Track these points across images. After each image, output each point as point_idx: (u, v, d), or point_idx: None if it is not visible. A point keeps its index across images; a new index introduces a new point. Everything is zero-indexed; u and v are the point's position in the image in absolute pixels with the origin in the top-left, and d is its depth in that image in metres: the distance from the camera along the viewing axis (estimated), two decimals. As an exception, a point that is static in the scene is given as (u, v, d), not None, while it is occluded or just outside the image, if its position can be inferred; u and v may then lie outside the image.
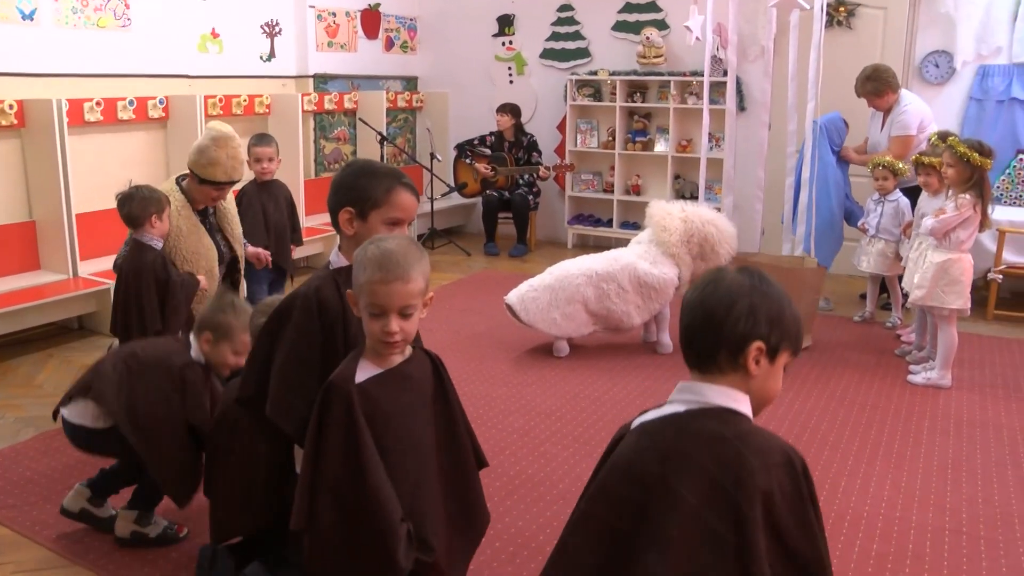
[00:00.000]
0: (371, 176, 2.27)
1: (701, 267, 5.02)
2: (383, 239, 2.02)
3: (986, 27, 6.49)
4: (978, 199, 4.35)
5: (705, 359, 1.61)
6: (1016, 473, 3.60)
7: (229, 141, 3.93)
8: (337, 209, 2.27)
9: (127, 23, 5.90)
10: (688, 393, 1.63)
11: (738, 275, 1.62)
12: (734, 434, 1.54)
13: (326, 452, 1.97)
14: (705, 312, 1.59)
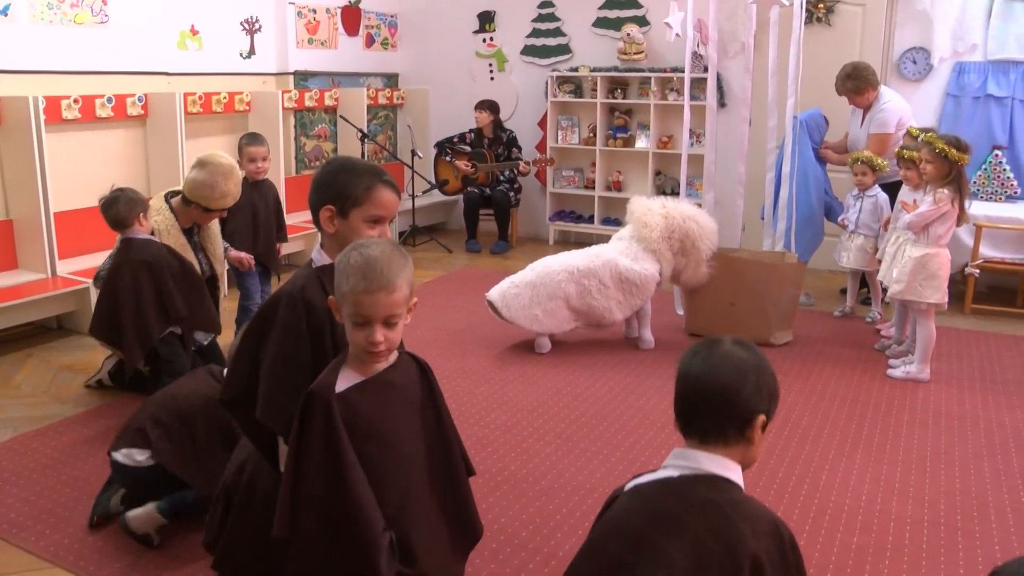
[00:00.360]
0: (352, 173, 2.24)
1: (682, 263, 5.04)
2: (365, 245, 1.99)
3: (962, 24, 6.55)
4: (956, 194, 4.39)
5: (713, 433, 1.65)
6: (992, 465, 3.64)
7: (234, 171, 4.07)
8: (318, 207, 2.24)
9: (104, 19, 5.85)
10: (682, 460, 1.66)
11: (739, 349, 1.67)
12: (726, 501, 1.58)
13: (306, 462, 1.95)
14: (717, 389, 1.63)
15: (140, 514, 2.96)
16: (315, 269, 2.25)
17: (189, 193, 4.05)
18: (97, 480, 3.35)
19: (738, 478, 1.64)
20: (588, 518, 3.14)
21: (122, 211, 3.88)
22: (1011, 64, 6.45)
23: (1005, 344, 5.28)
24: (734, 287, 5.14)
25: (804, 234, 5.68)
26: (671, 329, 5.50)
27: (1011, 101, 6.46)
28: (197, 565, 2.83)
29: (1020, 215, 5.91)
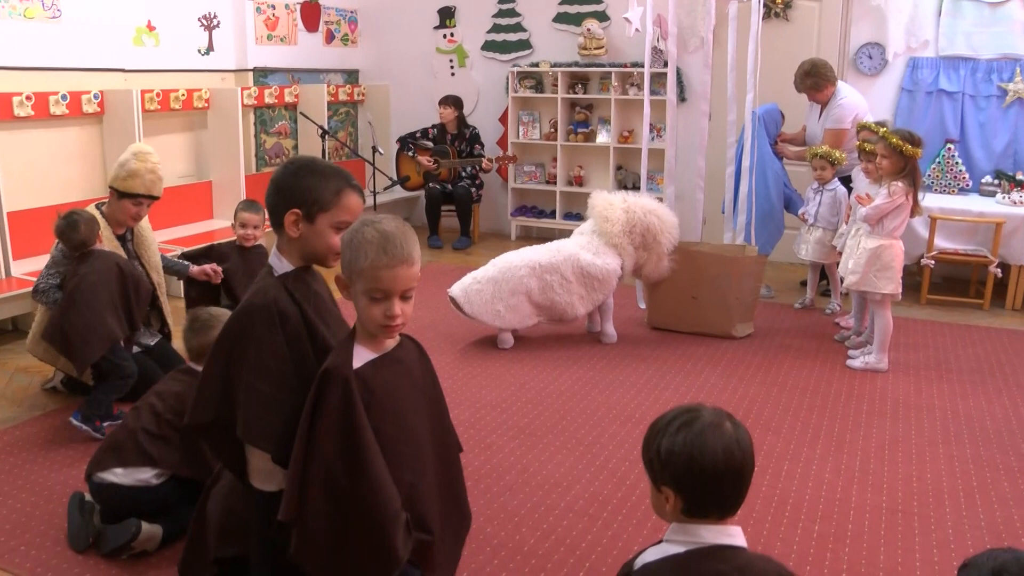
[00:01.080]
0: (319, 176, 2.15)
1: (644, 257, 5.07)
2: (376, 220, 1.96)
3: (914, 21, 6.66)
4: (910, 187, 4.46)
5: (734, 508, 1.66)
6: (947, 451, 3.71)
7: (148, 156, 4.04)
8: (283, 210, 2.13)
9: (56, 14, 5.74)
10: (684, 535, 1.66)
11: (731, 424, 1.64)
12: (734, 569, 1.60)
13: (320, 441, 1.92)
14: (746, 468, 1.63)
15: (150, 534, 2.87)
16: (279, 277, 2.17)
17: (110, 179, 4.06)
18: (54, 484, 3.31)
19: (741, 540, 1.66)
20: (552, 512, 3.15)
21: (84, 233, 3.88)
22: (960, 60, 6.58)
23: (959, 334, 5.38)
24: (696, 280, 5.18)
25: (764, 228, 5.74)
26: (633, 323, 5.53)
27: (962, 96, 6.59)
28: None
29: (972, 207, 6.02)
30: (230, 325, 2.13)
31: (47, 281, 3.97)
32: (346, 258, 1.97)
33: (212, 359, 2.13)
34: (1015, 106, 6.46)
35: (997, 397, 4.35)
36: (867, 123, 5.19)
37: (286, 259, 2.19)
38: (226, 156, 6.87)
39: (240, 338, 2.08)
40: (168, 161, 6.74)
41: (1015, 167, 6.47)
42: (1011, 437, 3.87)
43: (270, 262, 2.21)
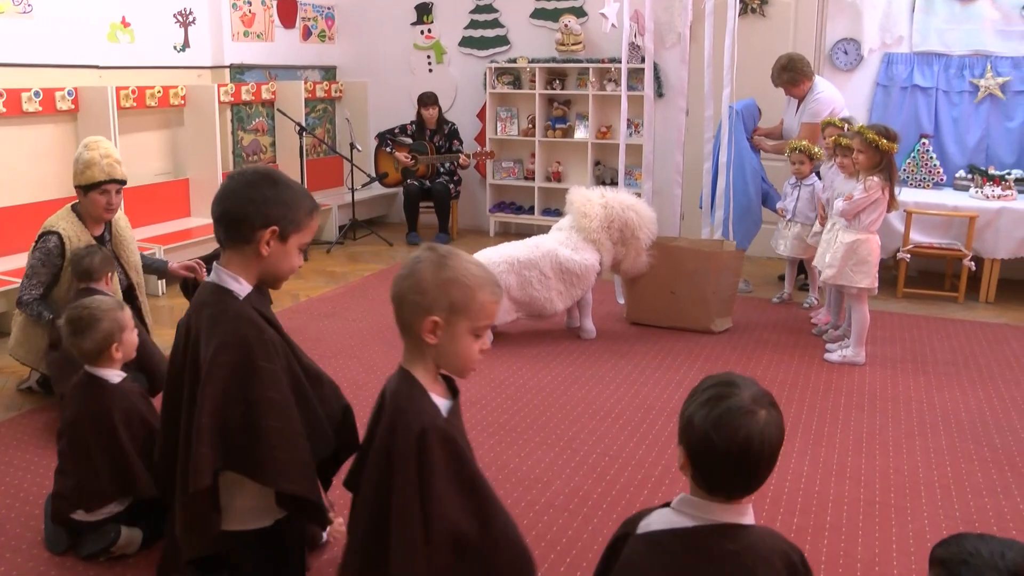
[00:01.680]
0: (294, 192, 2.07)
1: (622, 252, 5.08)
2: (453, 251, 1.92)
3: (889, 17, 6.72)
4: (886, 182, 4.50)
5: (747, 491, 1.65)
6: (923, 444, 3.75)
7: (99, 143, 4.04)
8: (259, 225, 2.01)
9: (27, 9, 5.68)
10: (693, 508, 1.66)
11: (766, 412, 1.62)
12: (742, 548, 1.61)
13: (439, 504, 1.81)
14: (762, 461, 1.62)
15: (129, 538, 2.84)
16: (244, 300, 2.05)
17: (74, 177, 4.02)
18: (31, 486, 3.28)
19: (750, 518, 1.66)
20: (532, 508, 3.16)
21: (96, 264, 3.83)
22: (934, 56, 6.65)
23: (934, 327, 5.44)
24: (674, 276, 5.20)
25: (742, 223, 5.78)
26: (612, 318, 5.54)
27: (935, 91, 6.66)
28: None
29: (946, 201, 6.09)
30: (219, 366, 1.97)
31: (30, 293, 3.91)
32: (451, 297, 1.84)
33: (205, 408, 1.97)
34: (987, 102, 6.53)
35: (972, 389, 4.39)
36: (832, 120, 5.25)
37: (243, 280, 2.06)
38: (203, 154, 6.83)
39: (239, 376, 1.97)
40: (144, 159, 6.71)
41: (987, 162, 6.54)
42: (985, 429, 3.92)
43: (225, 283, 2.05)
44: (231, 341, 1.98)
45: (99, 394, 2.86)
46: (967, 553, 1.45)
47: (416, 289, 1.85)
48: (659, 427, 3.89)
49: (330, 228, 7.81)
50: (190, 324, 2.10)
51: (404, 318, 1.89)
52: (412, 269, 1.87)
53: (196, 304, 2.11)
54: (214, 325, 2.00)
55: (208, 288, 2.09)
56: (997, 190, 6.04)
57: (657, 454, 3.63)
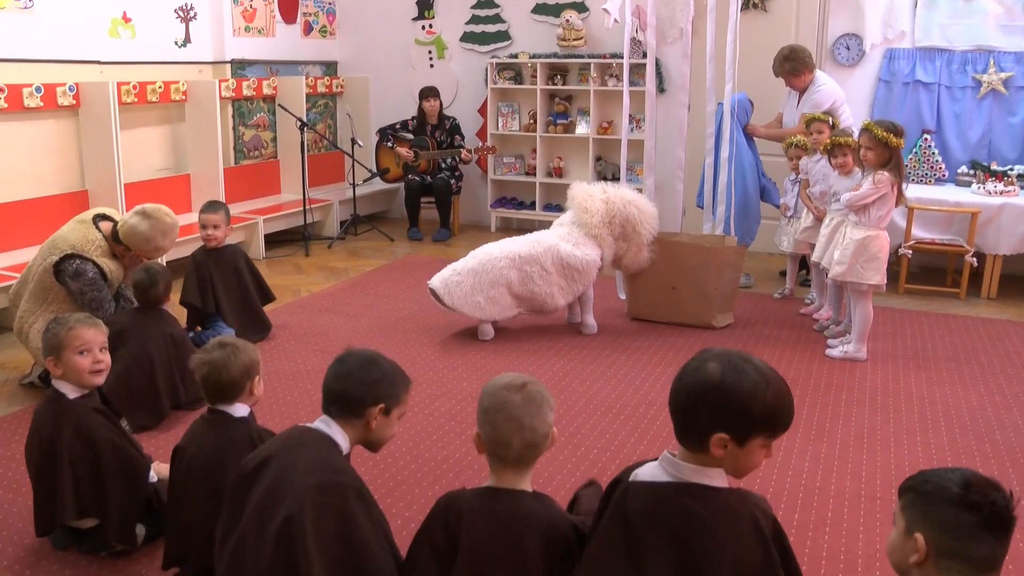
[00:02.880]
0: (396, 374, 2.34)
1: (623, 248, 5.08)
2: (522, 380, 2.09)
3: (891, 12, 6.71)
4: (896, 178, 4.48)
5: (688, 444, 1.87)
6: (924, 440, 3.75)
7: (173, 230, 4.11)
8: (373, 404, 2.27)
9: (29, 4, 5.68)
10: (671, 467, 1.89)
11: (719, 366, 1.83)
12: (706, 509, 1.80)
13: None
14: (699, 407, 1.83)
15: None
16: (346, 456, 2.27)
17: (124, 237, 4.03)
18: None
19: (720, 481, 1.85)
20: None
21: (161, 292, 3.91)
22: (936, 51, 6.63)
23: (936, 323, 5.44)
24: (675, 271, 5.20)
25: (741, 219, 5.77)
26: (613, 314, 5.54)
27: (938, 87, 6.65)
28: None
29: (948, 197, 6.08)
30: (323, 506, 2.11)
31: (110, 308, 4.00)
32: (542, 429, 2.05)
33: (312, 548, 2.07)
34: (989, 97, 6.52)
35: (973, 385, 4.39)
36: (816, 115, 5.24)
37: (350, 439, 2.29)
38: (204, 149, 6.83)
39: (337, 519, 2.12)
40: (145, 154, 6.71)
41: (990, 157, 6.53)
42: (986, 425, 3.92)
43: (335, 437, 2.26)
44: (331, 486, 2.15)
45: (56, 409, 2.81)
46: (925, 475, 1.73)
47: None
48: (660, 422, 3.89)
49: (331, 223, 7.81)
50: (272, 454, 2.25)
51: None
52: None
53: (293, 437, 2.28)
54: (316, 463, 2.18)
55: (310, 430, 2.28)
56: (999, 186, 6.03)
57: (658, 449, 3.61)
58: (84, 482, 2.74)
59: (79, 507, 2.75)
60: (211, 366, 2.57)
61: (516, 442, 1.96)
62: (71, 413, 2.78)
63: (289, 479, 2.15)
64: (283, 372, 4.50)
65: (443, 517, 2.01)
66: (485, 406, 2.01)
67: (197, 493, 2.55)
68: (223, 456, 2.54)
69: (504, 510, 1.97)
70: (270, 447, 2.30)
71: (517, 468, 2.00)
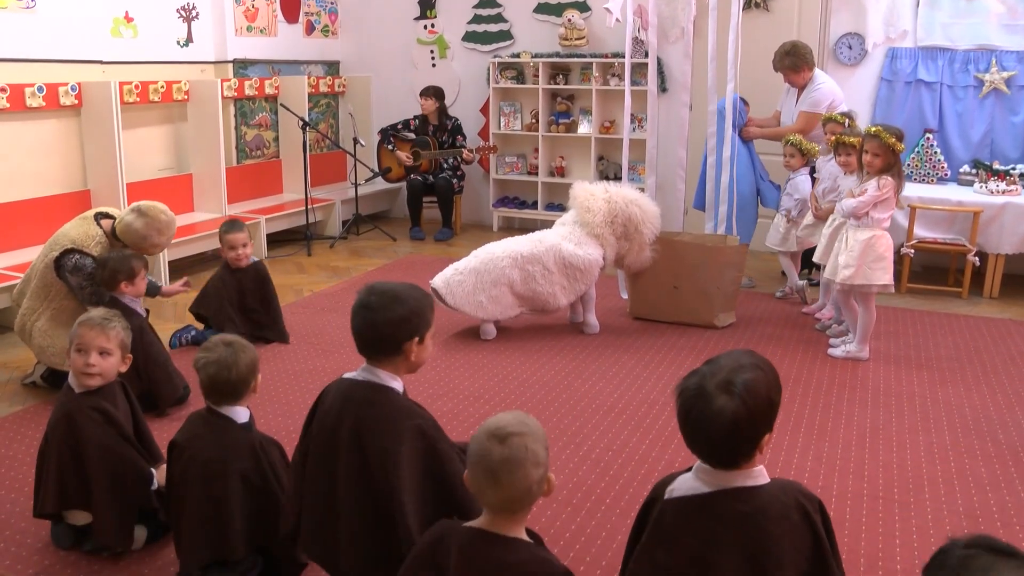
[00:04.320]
0: (419, 302, 2.36)
1: (625, 247, 5.08)
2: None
3: (893, 11, 6.70)
4: (899, 182, 4.48)
5: (723, 466, 1.84)
6: (927, 439, 3.75)
7: (169, 227, 4.11)
8: (408, 339, 2.32)
9: (31, 4, 5.68)
10: (709, 475, 1.84)
11: (728, 396, 1.78)
12: (755, 509, 1.79)
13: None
14: (722, 438, 1.79)
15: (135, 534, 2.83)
16: (404, 395, 2.39)
17: (120, 234, 4.04)
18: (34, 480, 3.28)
19: (763, 478, 1.84)
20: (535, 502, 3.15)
21: (106, 276, 3.90)
22: (938, 50, 6.62)
23: (938, 322, 5.43)
24: (677, 270, 5.20)
25: (740, 218, 5.77)
26: (615, 313, 5.54)
27: (940, 86, 6.64)
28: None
29: (950, 196, 6.07)
30: (409, 455, 2.24)
31: (99, 298, 3.96)
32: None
33: (404, 490, 2.21)
34: (991, 96, 6.51)
35: (975, 385, 4.39)
36: (833, 115, 5.23)
37: (398, 377, 2.39)
38: (206, 149, 6.83)
39: (427, 459, 2.28)
40: (147, 154, 6.72)
41: (992, 156, 6.52)
42: (989, 424, 3.91)
43: (385, 382, 2.35)
44: (411, 433, 2.27)
45: (61, 400, 2.84)
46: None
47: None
48: (662, 422, 3.89)
49: (333, 223, 7.81)
50: (343, 414, 2.33)
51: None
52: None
53: (356, 399, 2.33)
54: (388, 420, 2.28)
55: (364, 386, 2.35)
56: (1002, 185, 6.02)
57: (660, 449, 3.63)
58: (69, 475, 2.75)
59: (62, 498, 2.76)
60: (219, 365, 2.56)
61: (492, 496, 1.87)
62: (68, 405, 2.80)
63: (372, 443, 2.27)
64: (285, 371, 4.50)
65: (433, 551, 1.95)
66: (469, 451, 1.93)
67: (196, 495, 2.55)
68: (225, 465, 2.54)
69: (492, 558, 1.88)
70: (334, 413, 2.35)
71: (505, 514, 1.91)
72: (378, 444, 2.25)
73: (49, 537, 2.91)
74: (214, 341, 2.66)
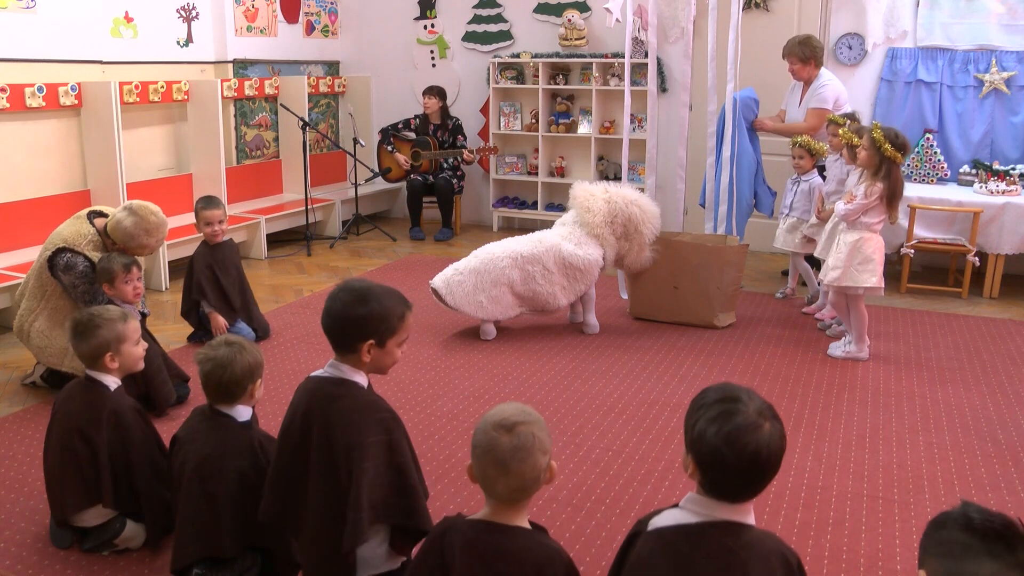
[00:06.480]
0: (386, 307, 2.37)
1: (625, 247, 5.08)
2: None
3: (893, 11, 6.70)
4: (887, 192, 4.43)
5: (751, 496, 1.78)
6: (927, 439, 3.75)
7: (159, 229, 4.04)
8: (362, 340, 2.35)
9: (31, 4, 5.68)
10: (698, 506, 1.78)
11: (770, 425, 1.74)
12: (740, 545, 1.73)
13: None
14: (769, 470, 1.74)
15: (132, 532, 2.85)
16: (368, 389, 2.44)
17: (110, 232, 4.02)
18: (35, 480, 3.28)
19: (751, 519, 1.78)
20: (535, 502, 3.16)
21: (119, 263, 3.86)
22: (938, 51, 6.62)
23: (938, 322, 5.43)
24: (677, 271, 5.20)
25: (741, 217, 5.77)
26: (615, 313, 5.54)
27: (940, 86, 6.64)
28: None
29: (950, 196, 6.07)
30: (370, 446, 2.30)
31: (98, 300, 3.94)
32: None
33: (363, 482, 2.28)
34: (991, 96, 6.51)
35: (975, 385, 4.39)
36: (834, 117, 5.23)
37: (361, 372, 2.42)
38: (206, 149, 6.83)
39: (386, 451, 2.34)
40: (147, 154, 6.72)
41: (992, 157, 6.52)
42: (988, 424, 3.91)
43: (348, 376, 2.39)
44: (374, 426, 2.34)
45: (91, 395, 2.85)
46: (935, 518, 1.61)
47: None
48: (662, 422, 3.89)
49: (333, 223, 7.81)
50: (310, 410, 2.38)
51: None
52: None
53: (320, 395, 2.38)
54: (354, 413, 2.34)
55: (328, 382, 2.40)
56: (1002, 185, 6.02)
57: (660, 449, 3.63)
58: (121, 475, 2.80)
59: (116, 500, 2.80)
60: (215, 363, 2.57)
61: (501, 486, 1.89)
62: (112, 403, 2.84)
63: (339, 436, 2.31)
64: (285, 371, 4.50)
65: (439, 546, 1.96)
66: (475, 443, 1.93)
67: (193, 491, 2.56)
68: (223, 462, 2.56)
69: (497, 546, 1.90)
70: (299, 407, 2.41)
71: (510, 504, 1.93)
72: (344, 438, 2.31)
73: (49, 537, 2.91)
74: (219, 340, 2.67)
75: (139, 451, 2.81)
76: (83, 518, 2.83)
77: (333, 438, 2.32)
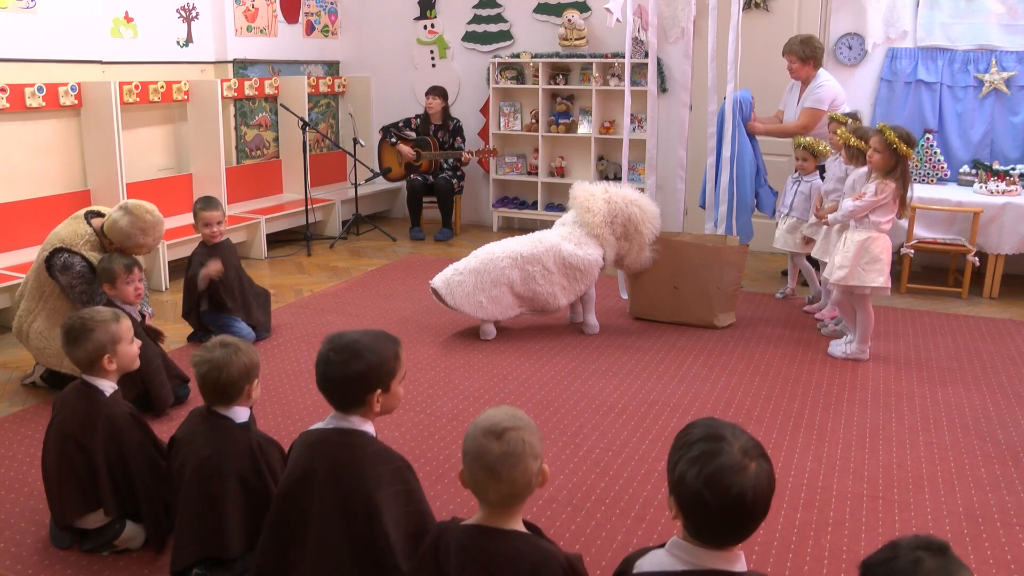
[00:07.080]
0: (381, 353, 2.31)
1: (625, 247, 5.08)
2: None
3: (893, 11, 6.70)
4: (900, 188, 4.45)
5: (738, 541, 1.68)
6: (927, 439, 3.75)
7: (155, 229, 4.03)
8: (371, 391, 2.30)
9: (31, 4, 5.68)
10: (685, 553, 1.69)
11: (757, 465, 1.63)
12: None
13: None
14: (756, 514, 1.63)
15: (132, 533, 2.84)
16: (376, 438, 2.38)
17: (106, 231, 4.01)
18: (35, 481, 3.28)
19: (742, 565, 1.68)
20: (535, 502, 3.16)
21: (120, 265, 3.85)
22: (938, 51, 6.63)
23: (938, 322, 5.43)
24: (677, 271, 5.20)
25: (742, 217, 5.77)
26: (615, 313, 5.54)
27: (939, 86, 6.64)
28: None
29: (950, 196, 6.07)
30: (391, 496, 2.26)
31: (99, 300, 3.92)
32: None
33: (388, 526, 2.22)
34: (991, 96, 6.51)
35: (975, 385, 4.39)
36: (836, 115, 5.23)
37: (370, 422, 2.38)
38: (206, 149, 6.83)
39: (404, 497, 2.30)
40: (147, 154, 6.72)
41: (992, 157, 6.52)
42: (988, 424, 3.91)
43: (357, 426, 2.34)
44: (391, 476, 2.30)
45: (86, 402, 2.83)
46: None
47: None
48: (662, 422, 3.89)
49: (333, 223, 7.81)
50: (316, 463, 2.31)
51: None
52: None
53: (329, 446, 2.32)
54: (369, 464, 2.29)
55: (334, 432, 2.34)
56: (1001, 185, 6.02)
57: (660, 449, 3.63)
58: (120, 480, 2.79)
59: (117, 504, 2.79)
60: (211, 365, 2.57)
61: (493, 492, 1.87)
62: (107, 409, 2.82)
63: (350, 486, 2.26)
64: (285, 371, 4.50)
65: (434, 552, 1.96)
66: (465, 449, 1.92)
67: (191, 492, 2.56)
68: (222, 463, 2.56)
69: (491, 550, 1.88)
70: (303, 460, 2.33)
71: (503, 508, 1.91)
72: (360, 490, 2.25)
73: (49, 537, 2.91)
74: (215, 341, 2.66)
75: (136, 455, 2.80)
76: (83, 520, 2.83)
77: (347, 490, 2.26)
